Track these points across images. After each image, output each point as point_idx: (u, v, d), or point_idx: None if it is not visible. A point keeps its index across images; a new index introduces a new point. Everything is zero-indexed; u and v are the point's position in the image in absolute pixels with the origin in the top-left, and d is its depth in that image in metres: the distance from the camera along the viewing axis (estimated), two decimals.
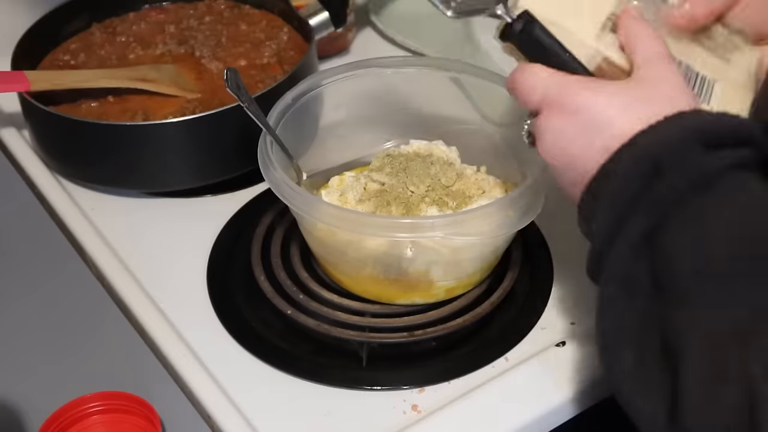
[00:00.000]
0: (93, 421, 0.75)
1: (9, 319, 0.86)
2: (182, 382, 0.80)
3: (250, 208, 0.99)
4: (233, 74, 0.86)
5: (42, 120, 1.02)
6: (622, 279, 0.60)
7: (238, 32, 1.15)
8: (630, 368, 0.58)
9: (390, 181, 0.87)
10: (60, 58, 1.11)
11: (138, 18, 1.18)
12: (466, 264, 0.85)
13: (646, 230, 0.59)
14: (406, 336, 0.84)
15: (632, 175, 0.60)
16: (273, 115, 0.88)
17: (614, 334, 0.60)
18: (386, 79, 0.95)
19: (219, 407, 0.78)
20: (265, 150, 0.83)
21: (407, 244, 0.81)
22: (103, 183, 1.02)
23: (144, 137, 0.97)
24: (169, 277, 0.92)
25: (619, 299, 0.60)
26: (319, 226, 0.83)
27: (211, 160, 1.00)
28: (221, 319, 0.87)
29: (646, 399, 0.57)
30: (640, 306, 0.59)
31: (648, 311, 0.58)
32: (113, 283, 0.89)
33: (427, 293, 0.85)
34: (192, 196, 1.02)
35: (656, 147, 0.60)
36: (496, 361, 0.83)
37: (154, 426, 0.73)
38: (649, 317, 0.58)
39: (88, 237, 0.94)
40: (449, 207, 0.86)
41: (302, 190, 0.81)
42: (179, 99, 1.04)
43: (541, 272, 0.91)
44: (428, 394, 0.80)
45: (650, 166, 0.60)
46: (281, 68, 1.08)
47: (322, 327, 0.84)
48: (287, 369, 0.82)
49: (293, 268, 0.90)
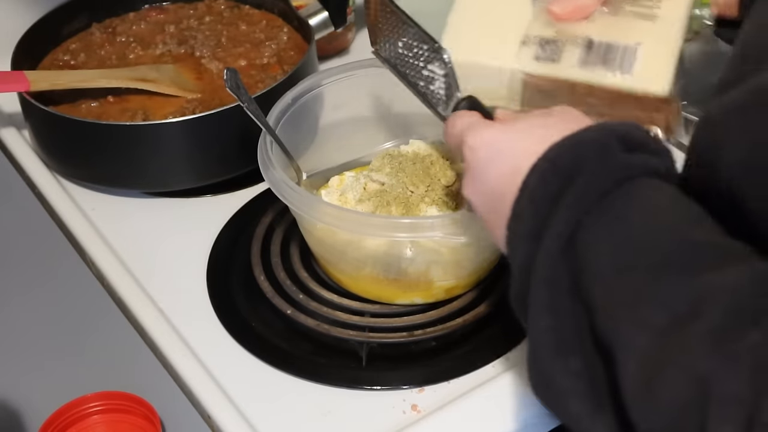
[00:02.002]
0: (93, 421, 0.75)
1: (9, 319, 0.86)
2: (182, 381, 0.80)
3: (250, 208, 0.99)
4: (233, 74, 0.86)
5: (42, 120, 1.02)
6: (548, 282, 0.58)
7: (238, 32, 1.15)
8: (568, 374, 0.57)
9: (390, 181, 0.87)
10: (60, 58, 1.11)
11: (138, 18, 1.18)
12: (466, 264, 0.85)
13: (567, 230, 0.57)
14: (405, 336, 0.84)
15: (550, 178, 0.59)
16: (273, 115, 0.88)
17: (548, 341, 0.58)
18: (386, 79, 0.95)
19: (219, 407, 0.78)
20: (265, 150, 0.83)
21: (407, 244, 0.81)
22: (103, 183, 1.02)
23: (144, 137, 0.97)
24: (169, 277, 0.92)
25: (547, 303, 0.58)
26: (318, 226, 0.83)
27: (211, 160, 1.00)
28: (221, 319, 0.87)
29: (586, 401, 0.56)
30: (566, 306, 0.57)
31: (575, 310, 0.57)
32: (113, 283, 0.89)
33: (427, 293, 0.85)
34: (192, 196, 1.02)
35: (571, 152, 0.59)
36: (496, 361, 0.83)
37: (154, 426, 0.73)
38: (576, 316, 0.57)
39: (88, 237, 0.94)
40: (449, 207, 0.86)
41: (302, 190, 0.81)
42: (179, 99, 1.04)
43: None
44: (428, 394, 0.80)
45: (570, 166, 0.58)
46: (281, 68, 1.08)
47: (321, 327, 0.85)
48: (287, 369, 0.83)
49: (293, 268, 0.90)
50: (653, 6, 0.75)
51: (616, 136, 0.59)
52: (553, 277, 0.57)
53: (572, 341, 0.57)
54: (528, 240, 0.59)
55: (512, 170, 0.62)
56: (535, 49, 0.75)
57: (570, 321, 0.57)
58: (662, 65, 0.73)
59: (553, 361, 0.57)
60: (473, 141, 0.66)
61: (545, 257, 0.57)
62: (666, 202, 0.57)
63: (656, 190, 0.58)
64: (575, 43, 0.74)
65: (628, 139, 0.59)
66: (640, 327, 0.51)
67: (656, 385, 0.49)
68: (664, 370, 0.49)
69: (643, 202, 0.57)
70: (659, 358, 0.50)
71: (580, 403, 0.56)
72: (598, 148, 0.58)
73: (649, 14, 0.75)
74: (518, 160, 0.62)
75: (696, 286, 0.50)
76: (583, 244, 0.56)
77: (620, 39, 0.74)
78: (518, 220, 0.60)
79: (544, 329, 0.58)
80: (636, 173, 0.58)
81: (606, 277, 0.54)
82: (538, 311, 0.58)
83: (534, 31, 0.76)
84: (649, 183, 0.58)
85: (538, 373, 0.59)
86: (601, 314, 0.54)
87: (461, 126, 0.69)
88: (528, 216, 0.59)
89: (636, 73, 0.72)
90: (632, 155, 0.58)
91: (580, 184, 0.57)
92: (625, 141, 0.59)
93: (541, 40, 0.75)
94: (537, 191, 0.59)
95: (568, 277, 0.57)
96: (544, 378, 0.58)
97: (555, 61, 0.74)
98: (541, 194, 0.59)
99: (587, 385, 0.56)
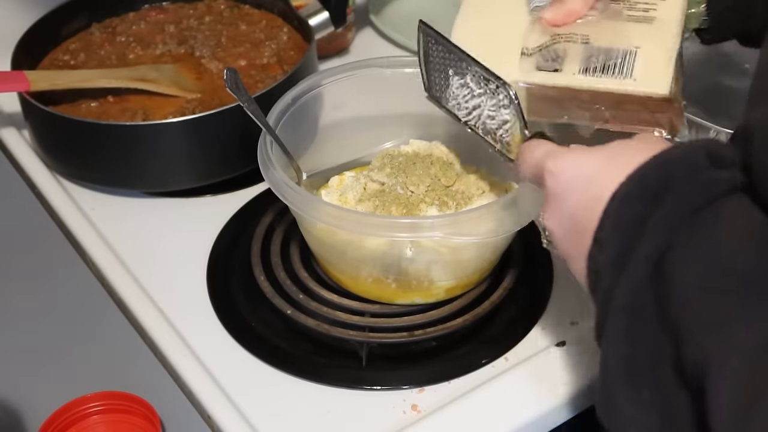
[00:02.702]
0: (93, 421, 0.75)
1: (9, 319, 0.86)
2: (182, 382, 0.80)
3: (250, 208, 0.99)
4: (233, 74, 0.86)
5: (42, 120, 1.02)
6: (630, 309, 0.55)
7: (238, 32, 1.15)
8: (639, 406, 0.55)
9: (390, 181, 0.87)
10: (60, 58, 1.11)
11: (138, 18, 1.18)
12: (466, 264, 0.85)
13: (655, 253, 0.54)
14: (405, 336, 0.84)
15: (636, 200, 0.56)
16: (273, 115, 0.88)
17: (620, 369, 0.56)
18: (386, 79, 0.95)
19: (219, 407, 0.78)
20: (265, 150, 0.83)
21: (407, 244, 0.81)
22: (103, 183, 1.02)
23: (144, 137, 0.97)
24: (169, 277, 0.92)
25: (625, 330, 0.56)
26: (318, 226, 0.83)
27: (211, 160, 1.00)
28: (221, 319, 0.87)
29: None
30: (648, 335, 0.55)
31: (658, 340, 0.54)
32: (113, 283, 0.89)
33: (427, 293, 0.85)
34: (192, 196, 1.02)
35: (657, 171, 0.57)
36: (496, 361, 0.83)
37: (154, 426, 0.73)
38: (658, 345, 0.54)
39: (88, 237, 0.94)
40: (449, 207, 0.86)
41: (302, 190, 0.81)
42: (179, 99, 1.04)
43: (541, 272, 0.91)
44: (428, 394, 0.80)
45: (657, 186, 0.56)
46: (281, 68, 1.08)
47: (321, 327, 0.85)
48: (287, 369, 0.83)
49: (293, 268, 0.90)
50: (649, 8, 0.76)
51: (705, 152, 0.57)
52: (635, 304, 0.55)
53: (649, 372, 0.55)
54: (612, 268, 0.56)
55: (596, 196, 0.59)
56: (536, 59, 0.75)
57: (650, 351, 0.55)
58: (662, 67, 0.73)
59: (625, 390, 0.55)
60: (554, 166, 0.64)
61: (629, 283, 0.55)
62: (752, 221, 0.55)
63: (743, 208, 0.56)
64: (575, 49, 0.75)
65: (715, 156, 0.57)
66: (732, 349, 0.49)
67: (753, 413, 0.47)
68: (760, 397, 0.47)
69: (733, 222, 0.54)
70: (754, 384, 0.48)
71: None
72: (687, 165, 0.56)
73: (645, 17, 0.75)
74: (602, 185, 0.59)
75: None
76: (671, 267, 0.53)
77: (619, 43, 0.74)
78: (601, 248, 0.58)
79: (619, 358, 0.56)
80: (725, 190, 0.55)
81: (694, 300, 0.52)
82: (616, 339, 0.56)
83: (531, 41, 0.76)
84: (737, 201, 0.56)
85: (608, 400, 0.57)
86: (688, 342, 0.52)
87: (540, 153, 0.66)
88: (612, 243, 0.57)
89: (637, 76, 0.73)
90: (721, 172, 0.56)
91: (669, 203, 0.54)
92: (713, 157, 0.56)
93: (540, 49, 0.76)
94: (622, 215, 0.56)
95: (654, 305, 0.54)
96: (612, 406, 0.57)
97: (557, 70, 0.74)
98: (626, 217, 0.56)
99: (658, 419, 0.54)
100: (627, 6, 0.76)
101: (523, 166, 0.69)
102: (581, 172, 0.62)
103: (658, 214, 0.54)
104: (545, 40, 0.76)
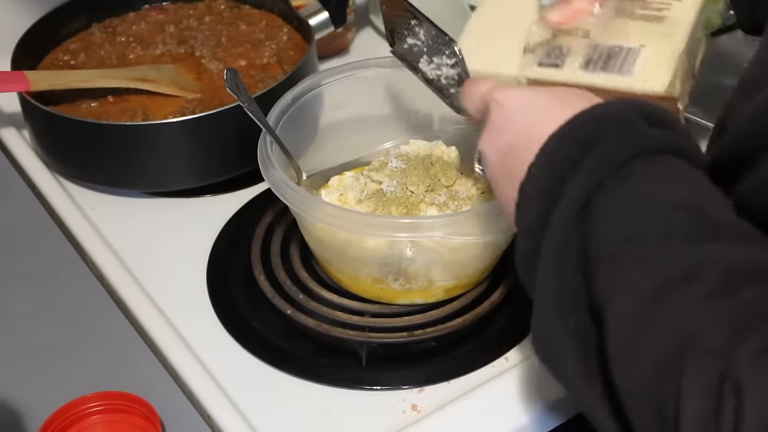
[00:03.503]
0: (93, 421, 0.75)
1: (9, 319, 0.86)
2: (182, 382, 0.80)
3: (250, 208, 0.99)
4: (233, 74, 0.86)
5: (42, 120, 1.02)
6: (558, 246, 0.59)
7: (238, 32, 1.15)
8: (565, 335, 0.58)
9: (390, 181, 0.87)
10: (60, 58, 1.11)
11: (138, 18, 1.18)
12: (466, 264, 0.85)
13: (583, 195, 0.57)
14: (405, 336, 0.84)
15: (571, 143, 0.59)
16: (273, 115, 0.88)
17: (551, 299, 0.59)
18: (386, 79, 0.95)
19: (219, 407, 0.78)
20: (265, 150, 0.83)
21: (407, 244, 0.81)
22: (103, 183, 1.02)
23: (144, 137, 0.97)
24: (169, 277, 0.92)
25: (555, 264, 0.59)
26: (318, 226, 0.83)
27: (211, 160, 1.00)
28: (221, 319, 0.87)
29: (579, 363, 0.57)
30: (572, 269, 0.58)
31: (577, 277, 0.58)
32: (113, 283, 0.89)
33: (427, 293, 0.85)
34: (192, 196, 1.02)
35: (593, 121, 0.60)
36: (496, 361, 0.83)
37: (154, 426, 0.73)
38: (578, 281, 0.58)
39: (88, 237, 0.94)
40: (449, 207, 0.86)
41: (302, 190, 0.81)
42: (179, 99, 1.04)
43: None
44: (428, 394, 0.80)
45: (591, 133, 0.59)
46: (281, 68, 1.08)
47: (321, 327, 0.85)
48: (287, 369, 0.83)
49: (293, 268, 0.90)
50: (662, 7, 0.76)
51: (639, 111, 0.60)
52: (564, 242, 0.58)
53: (572, 303, 0.58)
54: (541, 201, 0.59)
55: (534, 130, 0.62)
56: (539, 55, 0.76)
57: (572, 284, 0.58)
58: (663, 65, 0.73)
59: (554, 320, 0.58)
60: (501, 96, 0.67)
61: (559, 221, 0.58)
62: (683, 179, 0.58)
63: (674, 166, 0.58)
64: (579, 46, 0.75)
65: (651, 116, 0.60)
66: (629, 289, 0.52)
67: (638, 344, 0.50)
68: (647, 330, 0.50)
69: (660, 176, 0.57)
70: (645, 320, 0.51)
71: (574, 364, 0.57)
72: (620, 118, 0.59)
73: (656, 16, 0.75)
74: (542, 120, 0.62)
75: (698, 253, 0.51)
76: (597, 211, 0.57)
77: (624, 41, 0.74)
78: (533, 180, 0.61)
79: (548, 289, 0.59)
80: (655, 147, 0.58)
81: (615, 246, 0.55)
82: (546, 272, 0.59)
83: (535, 36, 0.76)
84: (669, 159, 0.58)
85: (540, 332, 0.60)
86: (600, 281, 0.55)
87: (486, 86, 0.69)
88: (544, 177, 0.60)
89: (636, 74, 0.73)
90: (653, 129, 0.59)
91: (600, 151, 0.58)
92: (648, 117, 0.59)
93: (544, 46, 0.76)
94: (556, 154, 0.59)
95: (577, 243, 0.57)
96: (544, 337, 0.60)
97: (558, 66, 0.75)
98: (560, 157, 0.59)
99: (580, 347, 0.57)
100: (640, 5, 0.76)
101: (468, 100, 0.72)
102: (526, 105, 0.65)
103: (589, 159, 0.58)
104: (548, 37, 0.76)
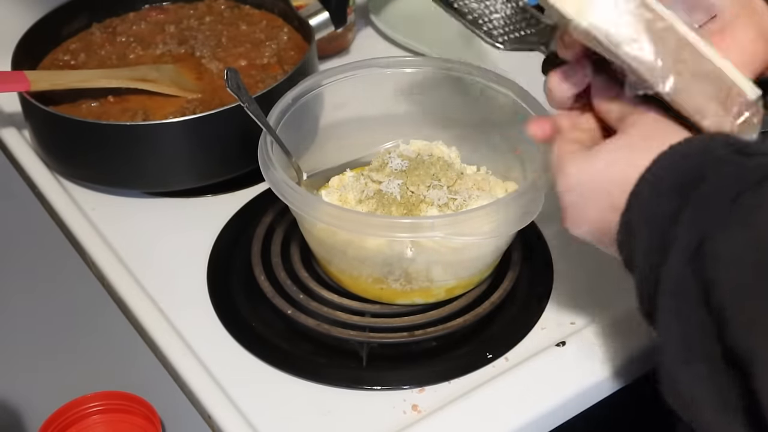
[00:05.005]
0: (93, 421, 0.75)
1: (9, 319, 0.86)
2: (182, 382, 0.80)
3: (250, 208, 0.99)
4: (233, 74, 0.86)
5: (42, 120, 1.02)
6: (675, 293, 0.57)
7: (238, 32, 1.15)
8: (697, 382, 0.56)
9: (390, 181, 0.87)
10: (60, 58, 1.11)
11: (138, 18, 1.18)
12: (466, 264, 0.85)
13: (694, 241, 0.56)
14: (406, 336, 0.84)
15: (663, 193, 0.58)
16: (273, 115, 0.88)
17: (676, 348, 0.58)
18: (386, 79, 0.95)
19: (219, 407, 0.78)
20: (266, 150, 0.83)
21: (407, 244, 0.81)
22: (103, 183, 1.02)
23: (144, 137, 0.97)
24: (169, 277, 0.92)
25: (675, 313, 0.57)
26: (319, 226, 0.83)
27: (211, 160, 1.00)
28: (221, 319, 0.87)
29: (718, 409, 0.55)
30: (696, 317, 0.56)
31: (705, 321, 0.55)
32: (113, 283, 0.89)
33: (428, 293, 0.85)
34: (192, 196, 1.02)
35: (678, 165, 0.58)
36: (496, 361, 0.83)
37: (154, 426, 0.73)
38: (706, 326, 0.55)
39: (88, 237, 0.94)
40: (449, 207, 0.86)
41: (302, 190, 0.81)
42: (179, 99, 1.04)
43: (541, 272, 0.91)
44: (428, 394, 0.80)
45: (681, 181, 0.57)
46: (281, 68, 1.08)
47: (322, 327, 0.85)
48: (287, 369, 0.83)
49: (293, 268, 0.90)
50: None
51: (723, 143, 0.58)
52: (678, 290, 0.57)
53: (701, 347, 0.56)
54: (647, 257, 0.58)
55: (610, 207, 0.62)
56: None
57: (700, 329, 0.56)
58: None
59: (683, 365, 0.57)
60: (561, 185, 0.66)
61: (669, 270, 0.57)
62: None
63: None
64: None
65: (736, 145, 0.58)
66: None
67: None
68: None
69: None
70: None
71: (711, 410, 0.55)
72: (713, 158, 0.57)
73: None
74: (612, 193, 0.62)
75: None
76: (712, 254, 0.55)
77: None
78: (630, 233, 0.60)
79: (673, 335, 0.57)
80: (759, 176, 0.56)
81: (738, 286, 0.53)
82: (667, 319, 0.58)
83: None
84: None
85: (668, 377, 0.58)
86: (733, 326, 0.53)
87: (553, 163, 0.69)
88: (645, 234, 0.59)
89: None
90: (750, 159, 0.57)
91: (703, 194, 0.56)
92: (735, 147, 0.58)
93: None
94: (653, 209, 0.58)
95: (697, 289, 0.56)
96: (673, 382, 0.58)
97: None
98: (658, 212, 0.58)
99: (715, 392, 0.55)
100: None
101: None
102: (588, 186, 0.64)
103: (690, 205, 0.56)
104: None
